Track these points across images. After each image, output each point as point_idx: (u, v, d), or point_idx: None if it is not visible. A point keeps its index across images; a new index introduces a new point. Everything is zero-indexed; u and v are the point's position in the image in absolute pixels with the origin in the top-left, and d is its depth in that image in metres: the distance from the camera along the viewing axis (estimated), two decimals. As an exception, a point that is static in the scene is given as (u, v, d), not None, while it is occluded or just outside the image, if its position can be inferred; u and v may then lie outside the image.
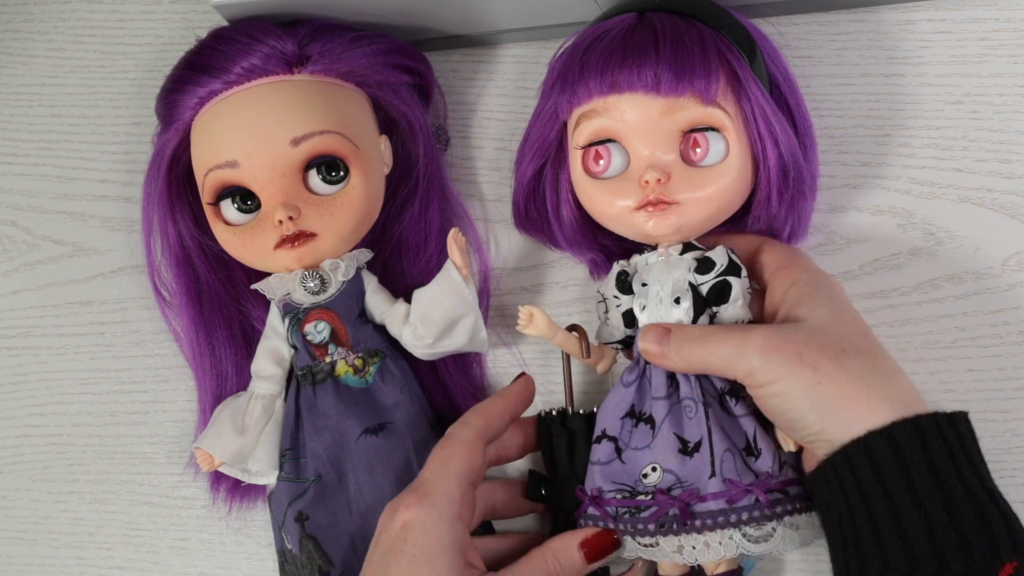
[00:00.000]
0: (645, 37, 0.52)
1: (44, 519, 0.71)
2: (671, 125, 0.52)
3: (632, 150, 0.53)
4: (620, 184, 0.53)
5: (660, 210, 0.52)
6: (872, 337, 0.53)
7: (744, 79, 0.52)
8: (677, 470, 0.53)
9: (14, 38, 0.73)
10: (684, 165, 0.53)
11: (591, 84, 0.52)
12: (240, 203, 0.58)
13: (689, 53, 0.51)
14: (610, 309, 0.56)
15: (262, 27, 0.58)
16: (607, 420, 0.55)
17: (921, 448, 0.48)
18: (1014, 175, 0.61)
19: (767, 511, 0.52)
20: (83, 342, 0.71)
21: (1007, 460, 0.61)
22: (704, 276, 0.54)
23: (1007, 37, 0.61)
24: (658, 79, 0.51)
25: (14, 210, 0.72)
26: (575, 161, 0.54)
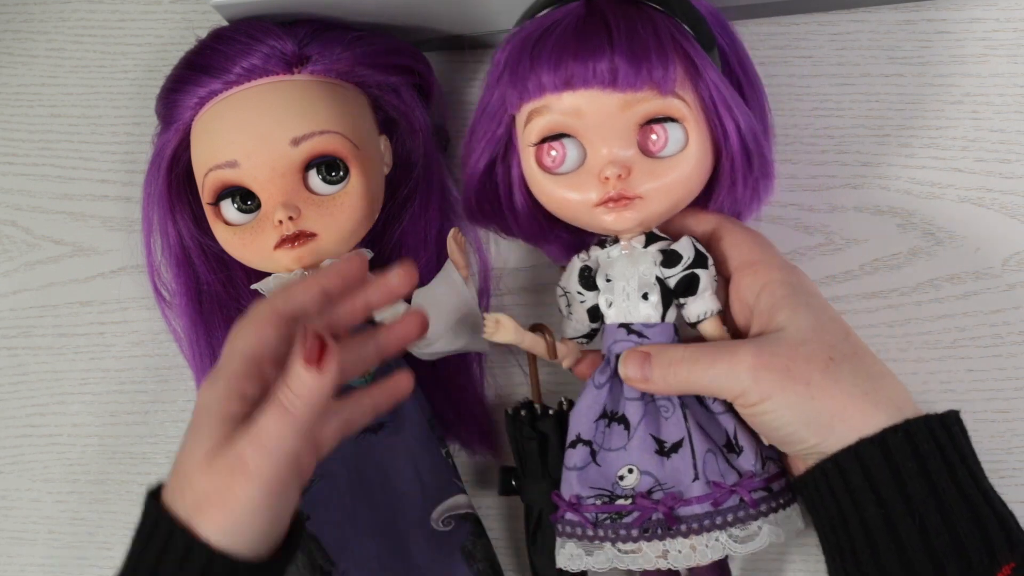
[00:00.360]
0: (597, 28, 0.49)
1: (44, 519, 0.71)
2: (629, 118, 0.50)
3: (589, 146, 0.51)
4: (578, 179, 0.51)
5: (622, 205, 0.51)
6: (854, 336, 0.52)
7: (701, 66, 0.51)
8: (655, 471, 0.52)
9: (14, 38, 0.73)
10: (643, 157, 0.51)
11: (543, 80, 0.50)
12: (240, 203, 0.58)
13: (644, 44, 0.49)
14: (573, 304, 0.55)
15: (262, 27, 0.58)
16: (580, 424, 0.54)
17: (913, 453, 0.48)
18: (1014, 175, 0.61)
19: (752, 511, 0.52)
20: (83, 342, 0.71)
21: (1007, 460, 0.61)
22: (671, 270, 0.52)
23: (1007, 37, 0.61)
24: (614, 74, 0.49)
25: (14, 210, 0.72)
26: (528, 157, 0.52)
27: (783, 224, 0.63)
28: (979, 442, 0.61)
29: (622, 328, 0.53)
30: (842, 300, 0.62)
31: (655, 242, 0.53)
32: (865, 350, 0.51)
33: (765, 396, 0.49)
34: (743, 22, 0.64)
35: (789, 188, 0.63)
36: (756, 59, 0.63)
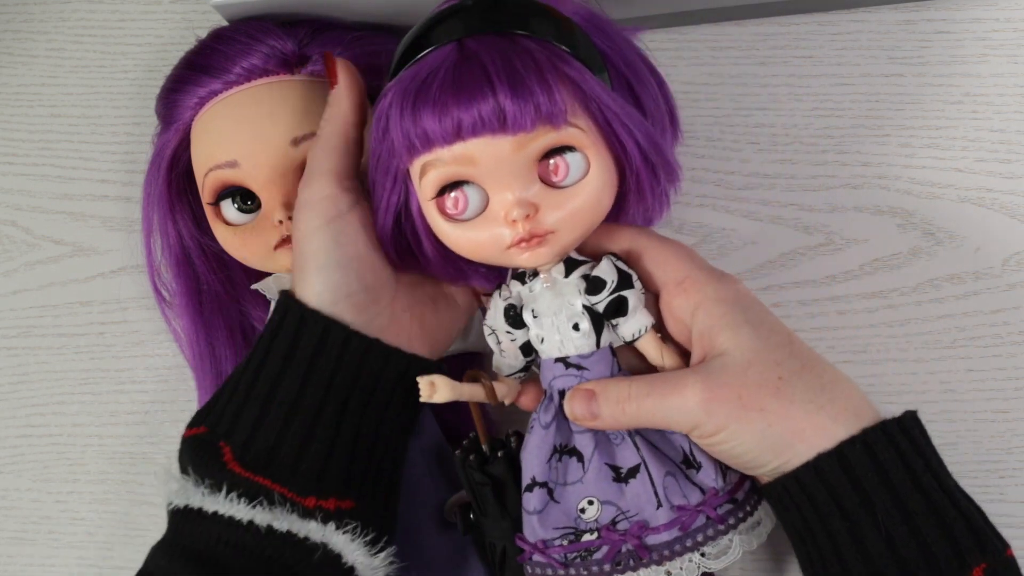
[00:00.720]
0: (475, 74, 0.47)
1: (44, 519, 0.71)
2: (525, 157, 0.48)
3: (490, 190, 0.49)
4: (485, 224, 0.49)
5: (535, 244, 0.49)
6: (798, 344, 0.51)
7: (588, 88, 0.48)
8: (616, 500, 0.51)
9: (14, 38, 0.73)
10: (547, 189, 0.49)
11: (429, 134, 0.47)
12: (240, 203, 0.58)
13: (526, 81, 0.46)
14: (504, 342, 0.53)
15: (262, 27, 0.58)
16: (533, 467, 0.52)
17: (872, 463, 0.47)
18: (1014, 175, 0.61)
19: (722, 527, 0.51)
20: (83, 342, 0.71)
21: (1007, 460, 0.61)
22: (597, 296, 0.51)
23: (1007, 37, 0.61)
24: (502, 119, 0.46)
25: (14, 210, 0.72)
26: (429, 210, 0.50)
27: (783, 224, 0.63)
28: (979, 442, 0.61)
29: (559, 363, 0.52)
30: (842, 300, 0.62)
31: (575, 268, 0.52)
32: (811, 357, 0.50)
33: (720, 428, 0.48)
34: (743, 22, 0.64)
35: (789, 188, 0.63)
36: (756, 59, 0.63)
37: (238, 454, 0.51)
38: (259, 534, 0.49)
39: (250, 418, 0.51)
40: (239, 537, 0.49)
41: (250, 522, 0.49)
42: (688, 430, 0.50)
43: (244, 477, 0.50)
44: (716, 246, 0.64)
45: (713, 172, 0.64)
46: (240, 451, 0.51)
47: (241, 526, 0.49)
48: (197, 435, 0.52)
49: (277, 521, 0.49)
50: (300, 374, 0.51)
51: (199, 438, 0.52)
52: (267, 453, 0.51)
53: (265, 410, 0.51)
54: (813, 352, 0.51)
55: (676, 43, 0.64)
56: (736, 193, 0.64)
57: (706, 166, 0.64)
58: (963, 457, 0.61)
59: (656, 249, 0.53)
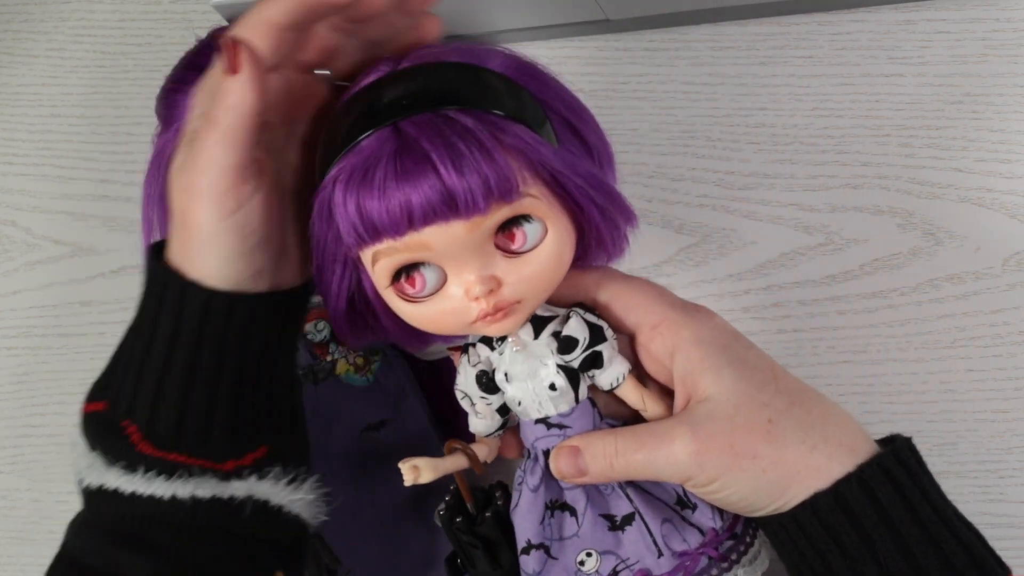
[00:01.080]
0: (419, 162, 0.44)
1: (44, 519, 0.71)
2: (481, 235, 0.46)
3: (449, 270, 0.47)
4: (447, 302, 0.48)
5: (500, 317, 0.47)
6: (783, 378, 0.49)
7: (534, 156, 0.46)
8: (614, 550, 0.50)
9: (14, 38, 0.73)
10: (506, 257, 0.47)
11: (379, 227, 0.45)
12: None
13: (473, 163, 0.44)
14: (479, 406, 0.52)
15: (262, 27, 0.58)
16: (527, 530, 0.51)
17: (870, 500, 0.46)
18: (1014, 175, 0.61)
19: (725, 564, 0.50)
20: (83, 342, 0.71)
21: (1007, 460, 0.61)
22: (570, 355, 0.49)
23: (1007, 37, 0.61)
24: (455, 205, 0.44)
25: (14, 210, 0.72)
26: (388, 296, 0.48)
27: (783, 224, 0.63)
28: (979, 442, 0.61)
29: (540, 424, 0.51)
30: (842, 300, 0.62)
31: (544, 326, 0.50)
32: (799, 392, 0.49)
33: (713, 478, 0.47)
34: (743, 22, 0.64)
35: (789, 188, 0.63)
36: (756, 59, 0.63)
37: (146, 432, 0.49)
38: (184, 507, 0.48)
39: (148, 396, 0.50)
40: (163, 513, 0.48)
41: (173, 496, 0.48)
42: (681, 481, 0.48)
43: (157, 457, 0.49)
44: (716, 246, 0.64)
45: (713, 172, 0.64)
46: (147, 429, 0.49)
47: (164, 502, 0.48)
48: (99, 412, 0.51)
49: (199, 489, 0.49)
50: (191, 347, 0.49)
51: (102, 417, 0.51)
52: (174, 427, 0.49)
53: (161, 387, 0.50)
54: (799, 383, 0.50)
55: (676, 43, 0.64)
56: (736, 193, 0.64)
57: (706, 166, 0.64)
58: (963, 457, 0.61)
59: (625, 294, 0.51)
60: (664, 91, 0.65)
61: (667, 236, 0.64)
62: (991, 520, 0.61)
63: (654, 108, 0.65)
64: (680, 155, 0.64)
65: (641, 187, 0.65)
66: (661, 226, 0.64)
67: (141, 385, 0.50)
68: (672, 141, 0.64)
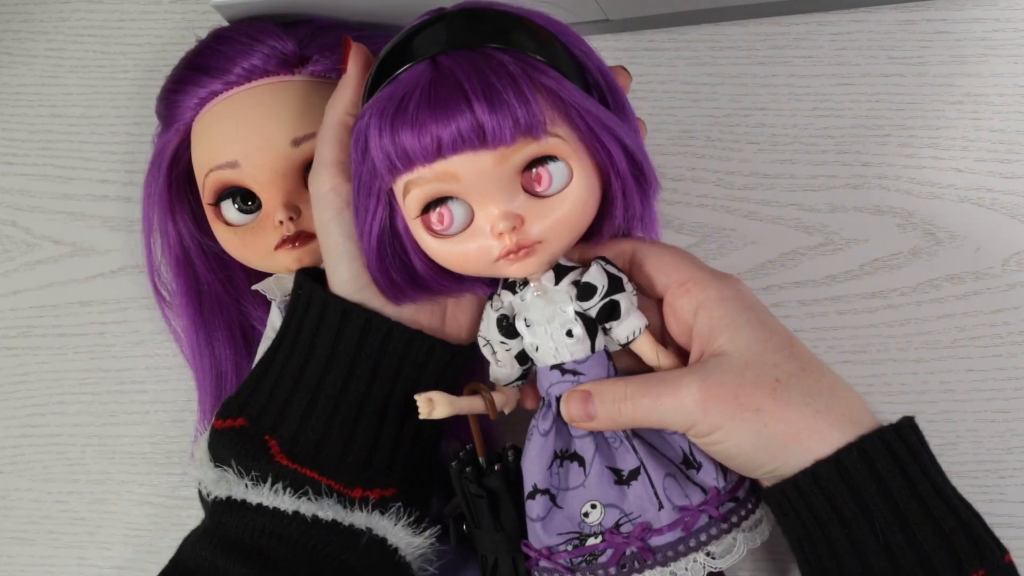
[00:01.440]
0: (451, 90, 0.47)
1: (44, 519, 0.71)
2: (508, 170, 0.48)
3: (475, 204, 0.49)
4: (472, 238, 0.50)
5: (523, 255, 0.49)
6: (799, 348, 0.50)
7: (567, 96, 0.48)
8: (619, 503, 0.51)
9: (14, 38, 0.73)
10: (531, 199, 0.49)
11: (410, 153, 0.47)
12: (241, 203, 0.58)
13: (503, 95, 0.46)
14: (499, 353, 0.54)
15: (262, 27, 0.58)
16: (535, 474, 0.52)
17: (870, 471, 0.47)
18: (1014, 175, 0.61)
19: (725, 525, 0.51)
20: (83, 342, 0.71)
21: (1007, 460, 0.61)
22: (588, 302, 0.51)
23: (1007, 37, 0.61)
24: (482, 134, 0.46)
25: (14, 210, 0.72)
26: (416, 228, 0.50)
27: (783, 224, 0.63)
28: (979, 442, 0.61)
29: (555, 370, 0.52)
30: (842, 300, 0.62)
31: (565, 274, 0.52)
32: (812, 362, 0.50)
33: (716, 427, 0.48)
34: (743, 22, 0.64)
35: (789, 188, 0.63)
36: (756, 59, 0.64)
37: (286, 448, 0.51)
38: (304, 524, 0.50)
39: (298, 411, 0.52)
40: (284, 528, 0.50)
41: (295, 512, 0.50)
42: (684, 429, 0.50)
43: (291, 469, 0.51)
44: (716, 246, 0.64)
45: (713, 172, 0.64)
46: (288, 444, 0.52)
47: (287, 517, 0.50)
48: (237, 428, 0.52)
49: (322, 511, 0.50)
50: (345, 367, 0.52)
51: (242, 431, 0.52)
52: (315, 445, 0.52)
53: (312, 403, 0.52)
54: (814, 356, 0.51)
55: (676, 43, 0.64)
56: (736, 193, 0.64)
57: (706, 166, 0.64)
58: (963, 457, 0.61)
59: (657, 254, 0.53)
60: (664, 91, 0.65)
61: (667, 236, 0.64)
62: (991, 520, 0.60)
63: (654, 108, 0.65)
64: (680, 155, 0.64)
65: (641, 187, 0.65)
66: (661, 226, 0.64)
67: (292, 401, 0.53)
68: (672, 141, 0.64)
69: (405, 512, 0.52)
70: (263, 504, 0.50)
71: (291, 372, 0.53)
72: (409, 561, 0.53)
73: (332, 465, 0.52)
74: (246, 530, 0.50)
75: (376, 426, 0.53)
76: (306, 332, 0.53)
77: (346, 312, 0.53)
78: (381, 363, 0.53)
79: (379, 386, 0.53)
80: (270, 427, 0.52)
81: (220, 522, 0.51)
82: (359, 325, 0.52)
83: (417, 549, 0.53)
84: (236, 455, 0.52)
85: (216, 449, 0.53)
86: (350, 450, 0.52)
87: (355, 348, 0.52)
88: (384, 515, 0.52)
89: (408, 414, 0.53)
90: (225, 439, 0.52)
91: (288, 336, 0.54)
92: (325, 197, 0.53)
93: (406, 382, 0.53)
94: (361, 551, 0.51)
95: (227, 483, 0.51)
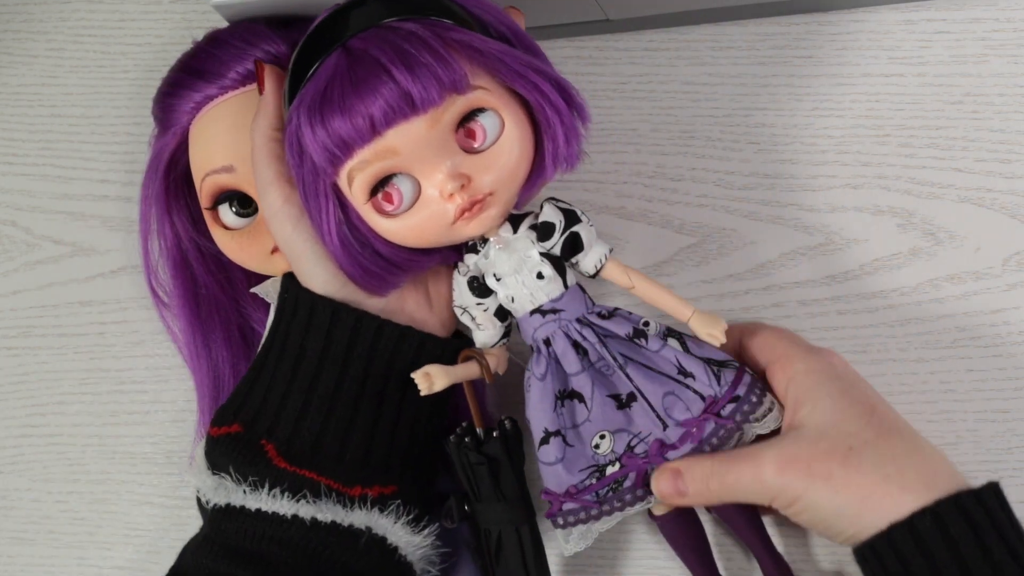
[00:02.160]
0: (371, 68, 0.48)
1: (44, 519, 0.71)
2: (442, 131, 0.49)
3: (419, 174, 0.50)
4: (425, 209, 0.51)
5: (478, 210, 0.51)
6: (882, 413, 0.52)
7: (479, 44, 0.49)
8: (625, 426, 0.53)
9: (14, 38, 0.73)
10: (472, 156, 0.50)
11: (347, 139, 0.48)
12: (238, 207, 0.58)
13: (422, 59, 0.48)
14: (478, 316, 0.55)
15: (257, 31, 0.58)
16: (543, 419, 0.54)
17: (943, 535, 0.47)
18: (1014, 175, 0.61)
19: (731, 425, 0.53)
20: (83, 342, 0.71)
21: (1007, 460, 0.61)
22: (550, 240, 0.53)
23: (1007, 37, 0.61)
24: (411, 100, 0.48)
25: (14, 210, 0.72)
26: (368, 214, 0.51)
27: (783, 224, 0.63)
28: (979, 442, 0.61)
29: (535, 314, 0.54)
30: (842, 300, 0.62)
31: (520, 221, 0.54)
32: (891, 428, 0.51)
33: (795, 497, 0.50)
34: (743, 22, 0.64)
35: (789, 188, 0.63)
36: (756, 59, 0.63)
37: (282, 450, 0.52)
38: (303, 527, 0.51)
39: (292, 413, 0.53)
40: (283, 532, 0.51)
41: (294, 516, 0.51)
42: (768, 501, 0.51)
43: (289, 471, 0.52)
44: (716, 246, 0.64)
45: (713, 172, 0.64)
46: (285, 447, 0.52)
47: (285, 521, 0.51)
48: (233, 434, 0.53)
49: (321, 513, 0.51)
50: (337, 367, 0.53)
51: (237, 437, 0.53)
52: (311, 446, 0.52)
53: (307, 405, 0.53)
54: (897, 421, 0.52)
55: (676, 43, 0.64)
56: (736, 193, 0.64)
57: (706, 166, 0.64)
58: (963, 457, 0.61)
59: (762, 334, 0.56)
60: (664, 91, 0.65)
61: (667, 236, 0.64)
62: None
63: (654, 108, 0.65)
64: (680, 155, 0.64)
65: (641, 187, 0.65)
66: (661, 226, 0.64)
67: (286, 404, 0.53)
68: (672, 141, 0.64)
69: (404, 510, 0.53)
70: (262, 509, 0.51)
71: (283, 375, 0.53)
72: (410, 561, 0.53)
73: (330, 464, 0.52)
74: (246, 536, 0.51)
75: (372, 424, 0.53)
76: (296, 334, 0.54)
77: (335, 312, 0.53)
78: (373, 360, 0.53)
79: (372, 383, 0.53)
80: (265, 431, 0.52)
81: (219, 529, 0.51)
82: (349, 324, 0.53)
83: (417, 548, 0.54)
84: (233, 461, 0.52)
85: (213, 456, 0.53)
86: (347, 449, 0.52)
87: (346, 347, 0.53)
88: (383, 513, 0.52)
89: (403, 410, 0.54)
90: (221, 446, 0.53)
91: (278, 339, 0.54)
92: (280, 212, 0.53)
93: (399, 378, 0.54)
94: (361, 551, 0.51)
95: (225, 490, 0.52)
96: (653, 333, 0.54)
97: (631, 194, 0.65)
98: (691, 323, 0.53)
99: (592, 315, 0.54)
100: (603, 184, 0.65)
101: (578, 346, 0.54)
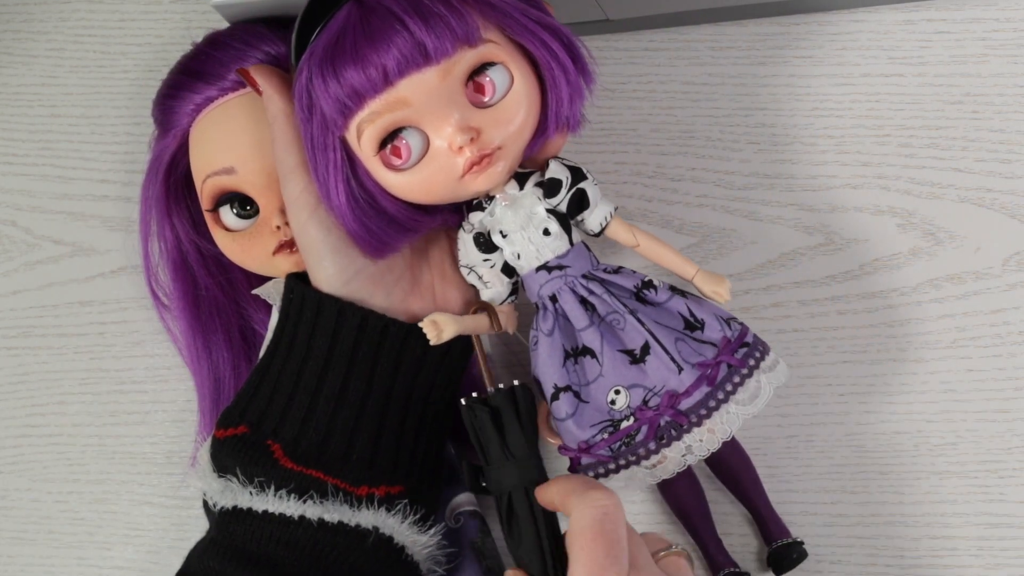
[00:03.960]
0: (385, 19, 0.48)
1: (44, 519, 0.71)
2: (452, 84, 0.50)
3: (429, 128, 0.50)
4: (434, 163, 0.51)
5: (486, 165, 0.51)
6: None
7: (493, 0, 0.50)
8: (640, 381, 0.53)
9: (14, 38, 0.73)
10: (481, 111, 0.51)
11: (359, 89, 0.49)
12: (239, 209, 0.58)
13: (436, 10, 0.48)
14: (484, 274, 0.55)
15: (257, 32, 0.58)
16: (551, 374, 0.54)
17: None
18: (1014, 175, 0.61)
19: (745, 370, 0.53)
20: (83, 342, 0.71)
21: (1007, 460, 0.61)
22: (556, 197, 0.53)
23: (1007, 37, 0.61)
24: (425, 51, 0.48)
25: (14, 210, 0.72)
26: (376, 168, 0.51)
27: (783, 224, 0.63)
28: (979, 442, 0.61)
29: (541, 271, 0.54)
30: (842, 300, 0.62)
31: (527, 179, 0.54)
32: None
33: None
34: (743, 22, 0.64)
35: (789, 188, 0.63)
36: (756, 59, 0.64)
37: (289, 450, 0.52)
38: (311, 528, 0.51)
39: (299, 413, 0.53)
40: (291, 533, 0.50)
41: (301, 517, 0.51)
42: None
43: (296, 472, 0.51)
44: (716, 246, 0.64)
45: (713, 172, 0.64)
46: (291, 447, 0.52)
47: (292, 522, 0.50)
48: (239, 435, 0.53)
49: (328, 513, 0.51)
50: (343, 366, 0.53)
51: (244, 439, 0.53)
52: (318, 446, 0.52)
53: (313, 404, 0.52)
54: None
55: (676, 43, 0.64)
56: (736, 193, 0.64)
57: (706, 166, 0.64)
58: (963, 457, 0.61)
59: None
60: (664, 91, 0.65)
61: (667, 236, 0.64)
62: (991, 520, 0.61)
63: (654, 108, 0.65)
64: (680, 155, 0.64)
65: (641, 187, 0.65)
66: (661, 226, 0.64)
67: (292, 404, 0.53)
68: (672, 141, 0.64)
69: (411, 510, 0.53)
70: (269, 511, 0.51)
71: (289, 375, 0.53)
72: (417, 561, 0.53)
73: (336, 464, 0.52)
74: (253, 538, 0.51)
75: (378, 423, 0.53)
76: (302, 334, 0.54)
77: (341, 311, 0.53)
78: (379, 360, 0.53)
79: (379, 383, 0.53)
80: (272, 431, 0.52)
81: (227, 532, 0.51)
82: (355, 324, 0.53)
83: (424, 548, 0.54)
84: (240, 463, 0.52)
85: (219, 458, 0.53)
86: (354, 448, 0.52)
87: (352, 347, 0.53)
88: (390, 513, 0.52)
89: (410, 410, 0.54)
90: (227, 448, 0.53)
91: (284, 339, 0.54)
92: (299, 199, 0.53)
93: (405, 376, 0.54)
94: (368, 551, 0.51)
95: (232, 492, 0.52)
96: (659, 287, 0.54)
97: (631, 194, 0.65)
98: (695, 280, 0.54)
99: (598, 271, 0.54)
100: (603, 184, 0.65)
101: (585, 302, 0.54)
